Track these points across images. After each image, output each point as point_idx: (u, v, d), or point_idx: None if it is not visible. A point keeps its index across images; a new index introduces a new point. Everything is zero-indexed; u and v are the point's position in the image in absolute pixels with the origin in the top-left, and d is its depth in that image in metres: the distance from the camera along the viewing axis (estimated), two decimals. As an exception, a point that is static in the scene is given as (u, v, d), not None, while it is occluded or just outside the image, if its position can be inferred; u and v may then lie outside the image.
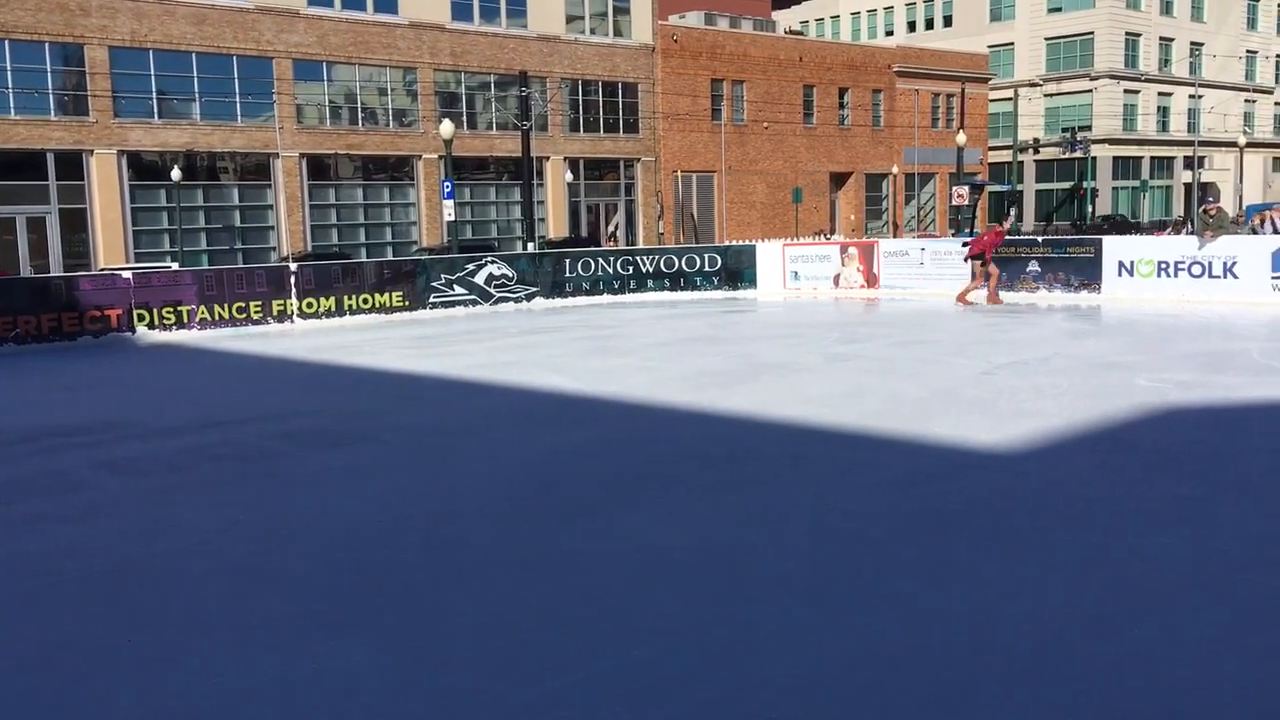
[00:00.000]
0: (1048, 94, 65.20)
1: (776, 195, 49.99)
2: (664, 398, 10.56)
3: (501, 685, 4.13)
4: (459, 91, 41.38)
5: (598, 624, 4.74)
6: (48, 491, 7.60)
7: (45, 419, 10.74)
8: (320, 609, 5.05)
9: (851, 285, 23.57)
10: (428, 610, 4.99)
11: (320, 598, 5.20)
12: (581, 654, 4.41)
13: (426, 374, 13.12)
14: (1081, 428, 8.42)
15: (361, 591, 5.27)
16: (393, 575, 5.51)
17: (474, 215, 42.22)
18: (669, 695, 4.00)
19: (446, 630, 4.73)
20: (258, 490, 7.45)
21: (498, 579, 5.40)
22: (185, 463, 8.39)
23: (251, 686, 4.20)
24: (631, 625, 4.71)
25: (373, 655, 4.46)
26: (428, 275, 22.04)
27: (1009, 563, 5.39)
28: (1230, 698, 3.84)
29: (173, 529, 6.51)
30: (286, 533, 6.37)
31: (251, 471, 8.01)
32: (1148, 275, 19.28)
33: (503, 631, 4.69)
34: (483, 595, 5.17)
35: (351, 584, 5.39)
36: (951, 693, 3.95)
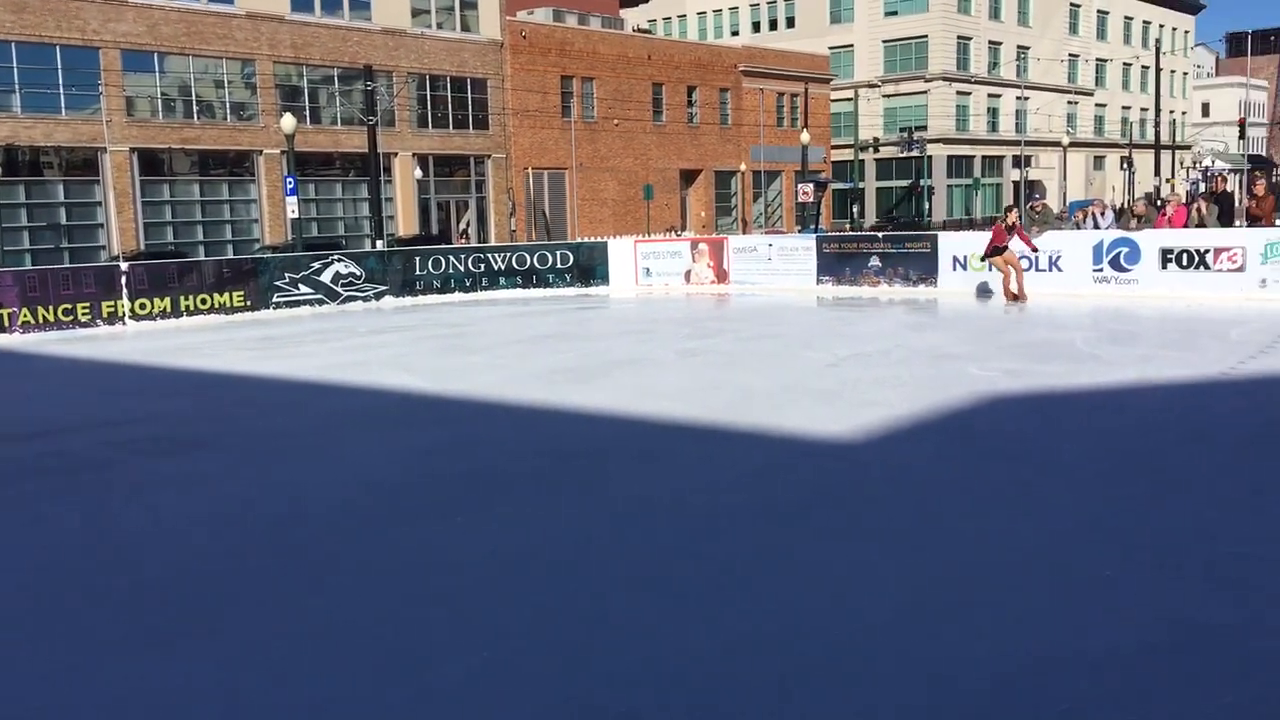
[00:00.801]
0: (886, 95, 67.43)
1: (628, 192, 50.29)
2: (516, 396, 10.49)
3: (348, 695, 4.03)
4: (301, 85, 40.18)
5: (449, 627, 4.67)
6: None
7: None
8: (155, 625, 4.82)
9: (702, 281, 23.90)
10: (271, 622, 4.82)
11: (155, 613, 4.97)
12: (432, 658, 4.33)
13: (270, 376, 12.70)
14: (920, 416, 8.74)
15: (200, 605, 5.06)
16: (233, 587, 5.31)
17: (319, 212, 41.08)
18: (521, 695, 3.97)
19: (292, 641, 4.58)
20: (87, 503, 7.08)
21: (345, 586, 5.27)
22: (7, 475, 7.90)
23: (80, 710, 3.98)
24: (482, 626, 4.65)
25: (212, 671, 4.28)
26: (271, 274, 21.35)
27: (854, 550, 5.54)
28: (1061, 670, 4.04)
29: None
30: (119, 547, 6.06)
31: (80, 483, 7.60)
32: (980, 269, 20.13)
33: (350, 640, 4.57)
34: (329, 603, 5.03)
35: (190, 598, 5.17)
36: (801, 678, 4.04)
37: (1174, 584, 4.87)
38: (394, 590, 5.16)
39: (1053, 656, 4.14)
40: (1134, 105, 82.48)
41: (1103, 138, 79.33)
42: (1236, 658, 4.08)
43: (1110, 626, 4.40)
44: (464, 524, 6.22)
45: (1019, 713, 3.72)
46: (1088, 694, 3.83)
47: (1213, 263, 17.49)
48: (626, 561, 5.47)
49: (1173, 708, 3.71)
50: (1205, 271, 17.54)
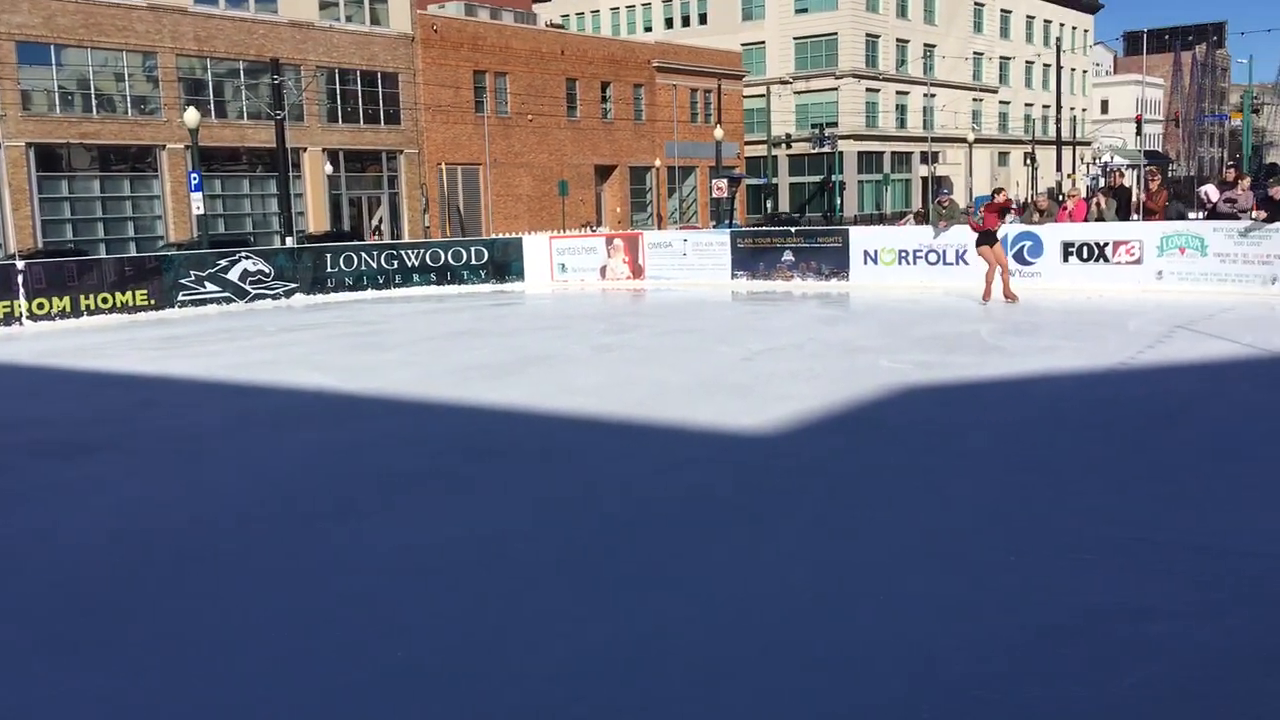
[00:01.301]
0: (797, 91, 68.21)
1: (543, 188, 50.10)
2: (430, 393, 10.38)
3: (252, 701, 3.95)
4: (205, 78, 39.22)
5: (360, 628, 4.60)
6: None
7: None
8: (52, 633, 4.66)
9: (618, 277, 23.91)
10: (176, 628, 4.70)
11: (52, 621, 4.81)
12: (342, 660, 4.27)
13: (175, 376, 12.38)
14: (833, 409, 8.86)
15: (100, 611, 4.91)
16: (134, 593, 5.16)
17: (226, 209, 40.17)
18: (433, 695, 3.93)
19: (199, 647, 4.47)
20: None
21: (253, 589, 5.15)
22: (-107, 483, 7.58)
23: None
24: (394, 626, 4.59)
25: (110, 679, 4.16)
26: (176, 272, 20.80)
27: (767, 541, 5.60)
28: (969, 655, 4.13)
29: (-123, 557, 5.86)
30: (14, 552, 5.85)
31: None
32: (890, 264, 20.49)
33: (258, 644, 4.48)
34: (236, 607, 4.92)
35: (86, 605, 5.01)
36: (715, 668, 4.06)
37: (1074, 569, 5.00)
38: (304, 592, 5.06)
39: (960, 642, 4.23)
40: (1036, 102, 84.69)
41: (1007, 134, 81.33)
42: (1137, 640, 4.21)
43: (1015, 611, 4.52)
44: (376, 523, 6.13)
45: (929, 697, 3.79)
46: (994, 677, 3.92)
47: (1112, 255, 18.03)
48: (541, 557, 5.45)
49: (1076, 691, 3.81)
50: (1105, 264, 18.08)
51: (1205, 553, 5.13)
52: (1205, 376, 10.06)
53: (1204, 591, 4.65)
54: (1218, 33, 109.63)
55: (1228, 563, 4.98)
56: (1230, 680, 3.83)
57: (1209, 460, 6.97)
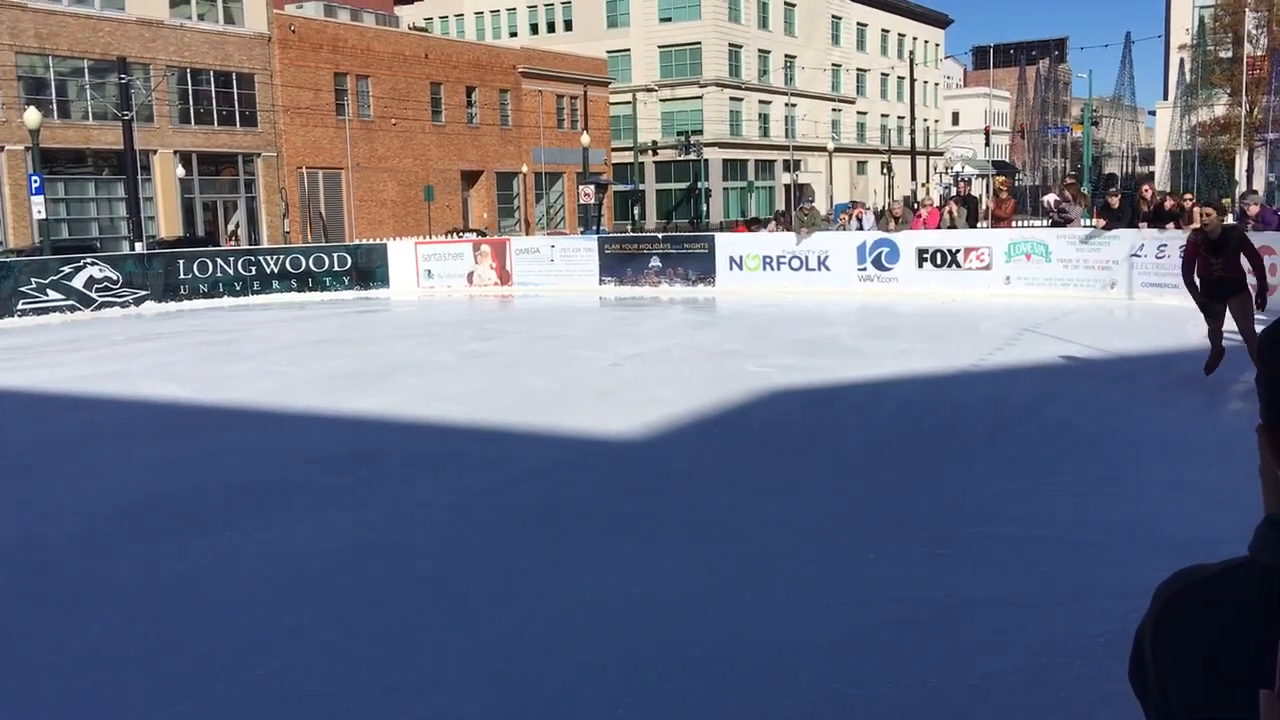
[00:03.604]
0: (663, 99, 68.84)
1: (408, 193, 49.30)
2: (290, 403, 10.09)
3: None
4: (47, 77, 37.34)
5: (218, 645, 4.43)
6: None
7: None
8: (-123, 665, 4.36)
9: (485, 283, 23.70)
10: (22, 652, 4.44)
11: (-123, 652, 4.50)
12: (201, 676, 4.10)
13: (14, 389, 11.73)
14: (700, 412, 8.95)
15: (-69, 639, 4.61)
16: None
17: (70, 213, 38.30)
18: (294, 711, 3.82)
19: (39, 671, 4.24)
20: None
21: (100, 608, 4.92)
22: None
23: None
24: (254, 641, 4.45)
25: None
26: (15, 279, 19.73)
27: (635, 545, 5.62)
28: (833, 647, 4.22)
29: None
30: None
31: None
32: (755, 269, 20.84)
33: (108, 664, 4.27)
34: (83, 628, 4.69)
35: (-82, 632, 4.71)
36: (585, 674, 4.05)
37: (931, 562, 5.17)
38: (160, 610, 4.85)
39: (825, 636, 4.32)
40: (892, 113, 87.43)
41: (865, 144, 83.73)
42: (993, 629, 4.37)
43: (875, 604, 4.64)
44: (232, 537, 5.92)
45: (794, 691, 3.86)
46: (860, 670, 4.02)
47: (963, 261, 18.72)
48: (402, 567, 5.35)
49: (935, 681, 3.93)
50: (957, 270, 18.76)
51: (1050, 544, 5.36)
52: (1050, 377, 10.53)
53: (1050, 583, 4.86)
54: (1060, 48, 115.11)
55: (1071, 553, 5.22)
56: (1075, 667, 4.00)
57: (1053, 456, 7.29)
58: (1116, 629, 4.27)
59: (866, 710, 3.72)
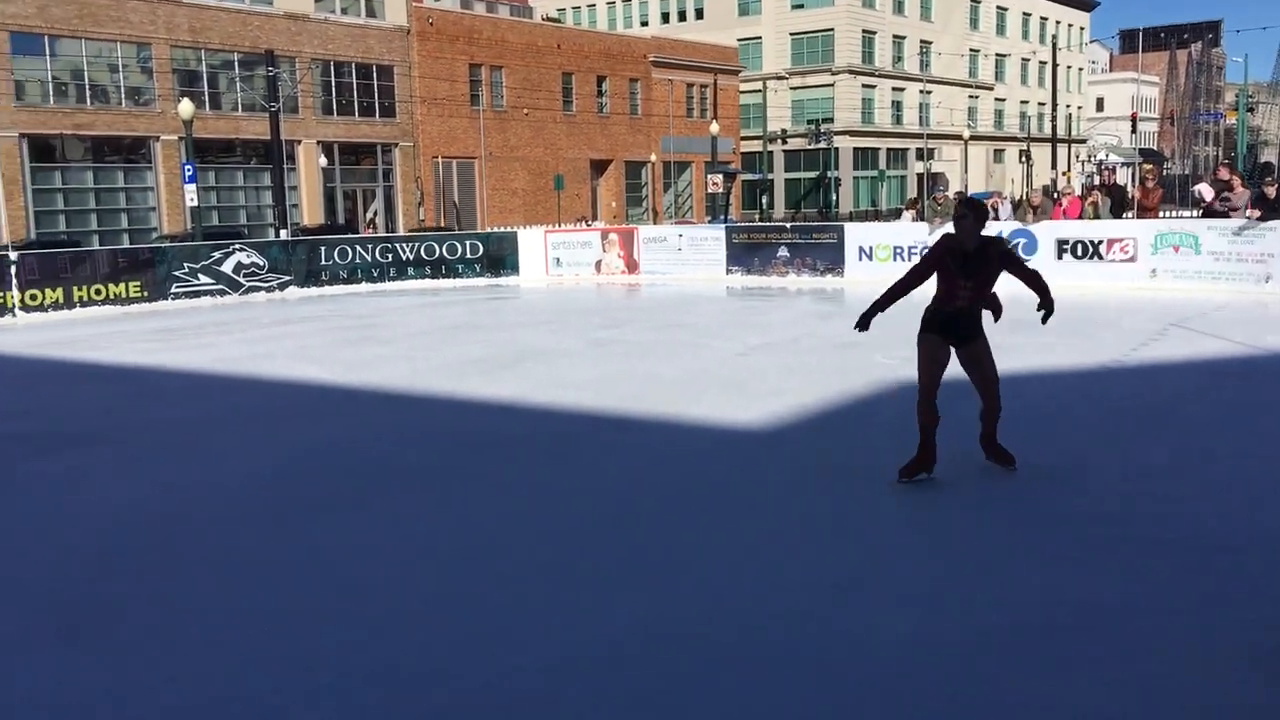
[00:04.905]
0: (793, 87, 68.17)
1: (538, 182, 50.01)
2: (424, 387, 10.36)
3: (249, 691, 3.94)
4: (200, 70, 39.08)
5: (355, 619, 4.59)
6: None
7: None
8: (41, 625, 4.65)
9: (613, 271, 23.89)
10: (167, 621, 4.68)
11: (41, 613, 4.80)
12: (338, 651, 4.26)
13: (168, 369, 12.35)
14: (828, 403, 8.86)
15: (88, 604, 4.90)
16: (124, 585, 5.15)
17: (220, 201, 40.05)
18: (423, 689, 3.93)
19: (186, 640, 4.46)
20: (-28, 500, 6.80)
21: (245, 581, 5.14)
22: (-116, 473, 7.55)
23: (-37, 715, 3.82)
24: (389, 618, 4.59)
25: (100, 671, 4.15)
26: (169, 264, 20.75)
27: (761, 537, 5.59)
28: (958, 651, 4.13)
29: None
30: (4, 543, 5.83)
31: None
32: (885, 260, 20.48)
33: (249, 635, 4.46)
34: (229, 599, 4.91)
35: (78, 596, 5.00)
36: (707, 665, 4.06)
37: (1066, 565, 5.01)
38: (297, 585, 5.05)
39: (955, 637, 4.24)
40: (1032, 100, 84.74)
41: (1002, 131, 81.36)
42: (1133, 636, 4.21)
43: (1007, 607, 4.52)
44: (369, 517, 6.12)
45: (924, 693, 3.79)
46: (991, 674, 3.92)
47: (1106, 253, 18.05)
48: (533, 551, 5.44)
49: (1070, 688, 3.81)
50: (1099, 262, 18.09)
51: (1192, 549, 5.14)
52: (1197, 375, 10.07)
53: (1193, 590, 4.66)
54: (1213, 31, 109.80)
55: (1216, 559, 4.99)
56: (1217, 677, 3.83)
57: (1198, 458, 6.98)
58: (1262, 639, 4.07)
59: (999, 715, 3.64)
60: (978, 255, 6.34)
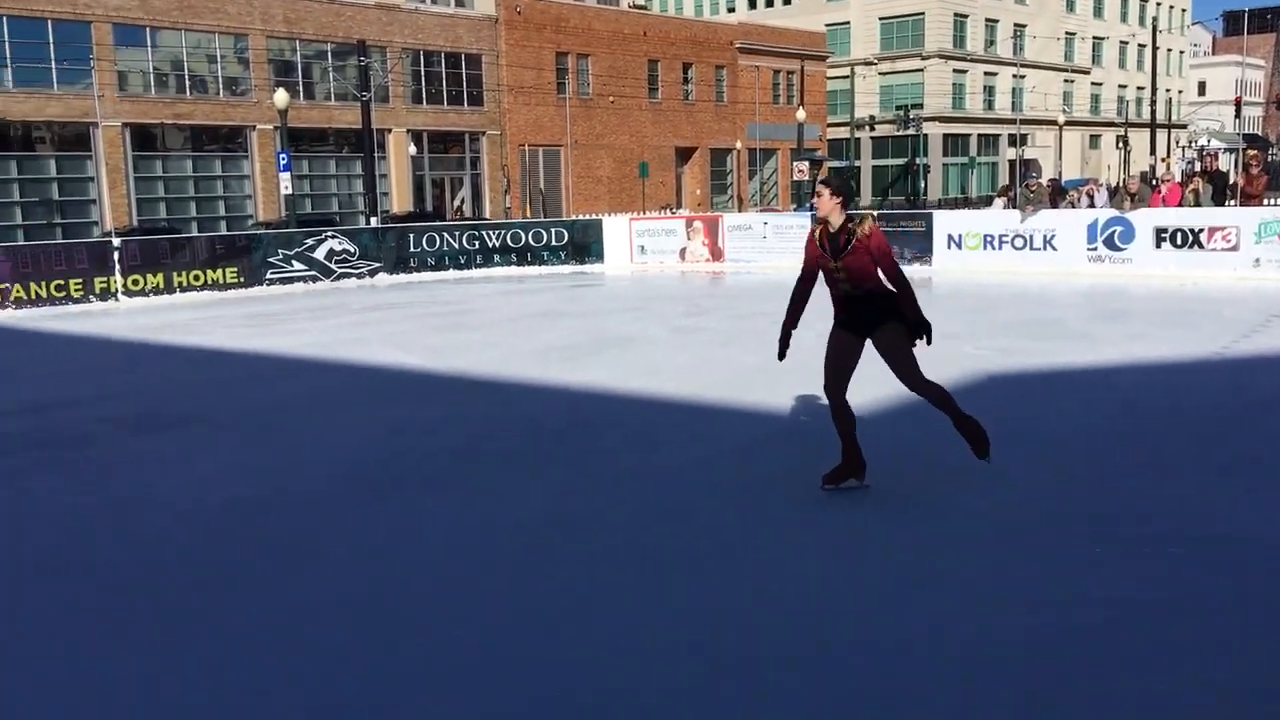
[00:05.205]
0: (882, 72, 67.18)
1: (623, 170, 50.11)
2: (510, 373, 10.48)
3: (340, 671, 4.04)
4: (294, 60, 39.94)
5: (437, 601, 4.68)
6: None
7: None
8: (140, 601, 4.83)
9: (697, 259, 23.87)
10: (258, 598, 4.83)
11: (140, 590, 4.98)
12: (421, 633, 4.34)
13: (262, 353, 12.69)
14: (911, 394, 8.73)
15: (185, 581, 5.07)
16: (220, 563, 5.31)
17: (313, 188, 40.92)
18: (515, 666, 3.98)
19: (278, 619, 4.59)
20: (75, 477, 7.07)
21: (333, 562, 5.27)
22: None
23: (61, 687, 3.99)
24: (468, 600, 4.66)
25: (197, 648, 4.29)
26: (264, 251, 21.29)
27: (835, 528, 5.56)
28: (1031, 647, 4.06)
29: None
30: (104, 522, 6.07)
31: (68, 458, 7.60)
32: (974, 248, 20.12)
33: (341, 616, 4.58)
34: (315, 580, 5.04)
35: (175, 574, 5.18)
36: (778, 653, 4.05)
37: (1148, 564, 4.89)
38: (383, 566, 5.16)
39: (1028, 634, 4.16)
40: (1130, 84, 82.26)
41: (1099, 116, 79.16)
42: (1212, 637, 4.10)
43: (1084, 604, 4.43)
44: (455, 500, 6.22)
45: (993, 689, 3.74)
46: (1064, 671, 3.86)
47: (1207, 242, 17.48)
48: (611, 534, 5.48)
49: (1146, 689, 3.73)
50: (1199, 250, 17.54)
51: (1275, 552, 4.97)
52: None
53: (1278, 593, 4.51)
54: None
55: None
56: None
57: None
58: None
59: (1068, 713, 3.57)
60: (842, 236, 5.94)
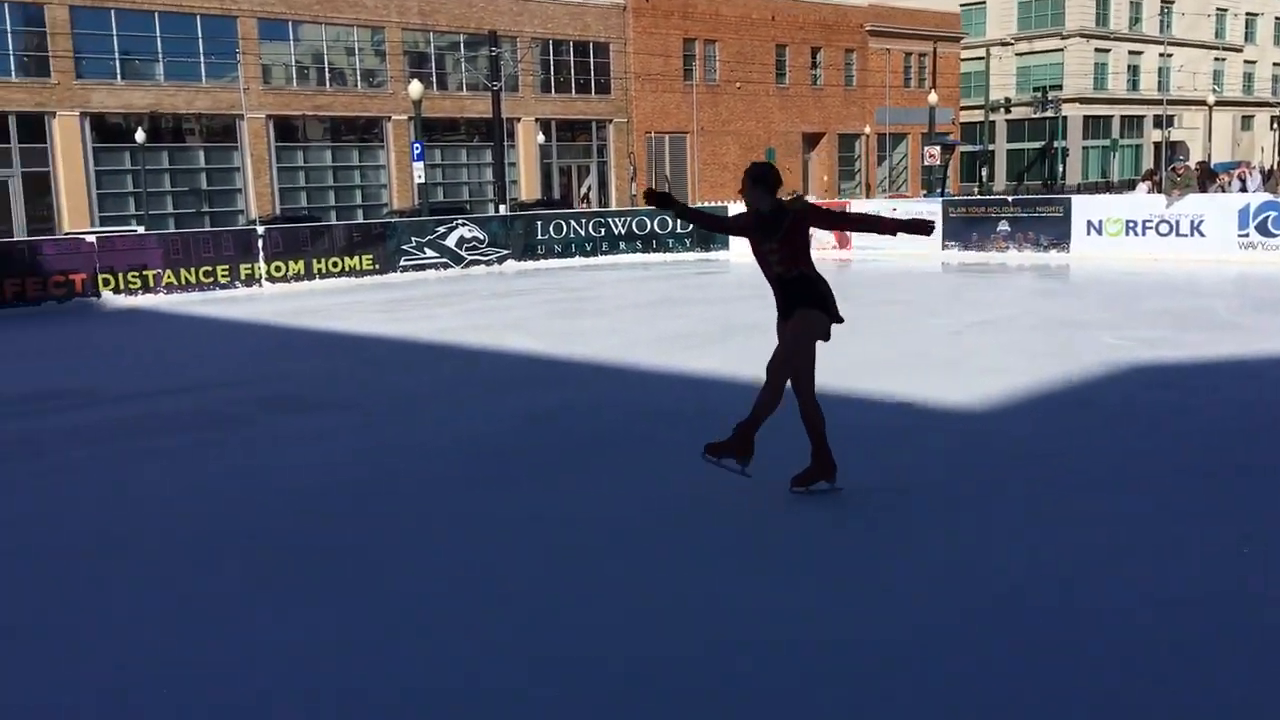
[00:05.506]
0: (1019, 53, 65.12)
1: (749, 156, 49.73)
2: (634, 360, 10.54)
3: (464, 649, 4.13)
4: (428, 51, 40.87)
5: (554, 587, 4.74)
6: (14, 458, 7.52)
7: (10, 386, 10.61)
8: (277, 574, 5.02)
9: (823, 246, 23.56)
10: (388, 576, 4.97)
11: (278, 564, 5.18)
12: (548, 613, 4.41)
13: (395, 337, 13.04)
14: (1047, 385, 8.48)
15: (319, 557, 5.24)
16: (353, 540, 5.48)
17: (445, 177, 41.85)
18: (639, 645, 4.01)
19: (406, 596, 4.72)
20: (220, 456, 7.40)
21: (458, 543, 5.39)
22: (151, 428, 8.31)
23: (203, 656, 4.18)
24: (588, 588, 4.71)
25: (331, 619, 4.44)
26: (398, 238, 21.87)
27: (970, 520, 5.42)
28: (1176, 647, 3.90)
29: (136, 495, 6.46)
30: (247, 498, 6.32)
31: (215, 438, 7.95)
32: (1116, 234, 19.38)
33: (462, 597, 4.68)
34: (445, 560, 5.16)
35: (311, 549, 5.37)
36: (921, 648, 3.98)
37: None
38: (504, 551, 5.25)
39: (1174, 634, 4.00)
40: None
41: (1252, 96, 75.14)
42: None
43: (1226, 609, 4.23)
44: (573, 485, 6.29)
45: (1140, 688, 3.60)
46: (1209, 674, 3.69)
47: (1371, 228, 16.47)
48: (729, 524, 5.46)
49: None
50: (1363, 237, 16.53)
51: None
52: None
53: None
54: None
55: None
56: None
57: None
58: None
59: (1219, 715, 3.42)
60: (774, 217, 5.69)
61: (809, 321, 5.83)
